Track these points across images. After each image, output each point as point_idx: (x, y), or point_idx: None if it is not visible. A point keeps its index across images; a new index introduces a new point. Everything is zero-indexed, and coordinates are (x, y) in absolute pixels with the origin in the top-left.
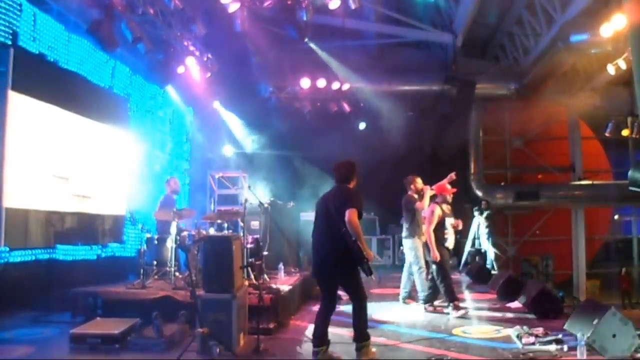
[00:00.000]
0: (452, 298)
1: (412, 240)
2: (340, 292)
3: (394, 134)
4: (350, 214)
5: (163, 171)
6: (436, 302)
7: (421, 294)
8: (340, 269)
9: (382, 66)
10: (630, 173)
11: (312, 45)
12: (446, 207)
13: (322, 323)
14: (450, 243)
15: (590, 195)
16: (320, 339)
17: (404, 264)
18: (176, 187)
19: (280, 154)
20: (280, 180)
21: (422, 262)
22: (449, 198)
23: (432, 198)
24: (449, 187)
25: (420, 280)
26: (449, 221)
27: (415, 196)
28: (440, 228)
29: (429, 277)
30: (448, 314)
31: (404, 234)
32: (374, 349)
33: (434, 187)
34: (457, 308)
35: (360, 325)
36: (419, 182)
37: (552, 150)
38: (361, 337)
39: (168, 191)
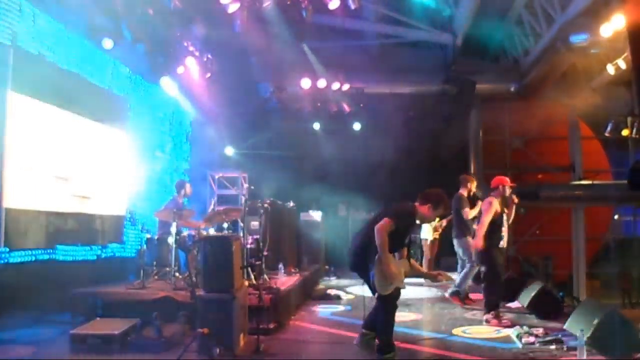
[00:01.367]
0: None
1: (463, 240)
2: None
3: (394, 134)
4: (381, 224)
5: (163, 171)
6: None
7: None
8: (359, 266)
9: (382, 66)
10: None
11: (305, 49)
12: (498, 203)
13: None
14: (504, 243)
15: (590, 195)
16: (368, 325)
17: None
18: (190, 192)
19: (280, 154)
20: (280, 181)
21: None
22: (508, 191)
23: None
24: (507, 179)
25: (465, 275)
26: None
27: (465, 194)
28: (496, 227)
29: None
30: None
31: (454, 233)
32: None
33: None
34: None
35: (381, 333)
36: (474, 184)
37: (552, 150)
38: (383, 347)
39: (181, 194)
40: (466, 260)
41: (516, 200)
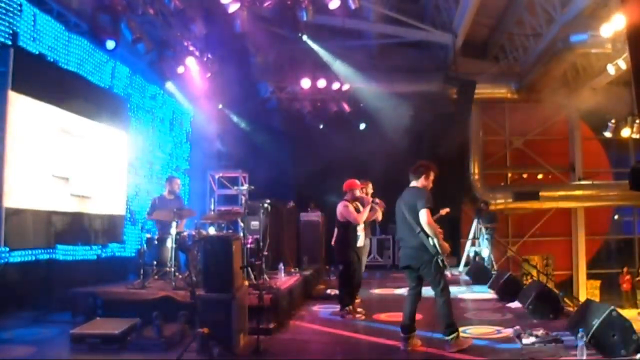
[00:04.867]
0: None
1: None
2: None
3: (394, 134)
4: (426, 216)
5: (163, 171)
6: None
7: None
8: (422, 265)
9: (382, 66)
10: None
11: (311, 44)
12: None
13: (410, 311)
14: (360, 242)
15: (590, 195)
16: (408, 326)
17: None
18: (177, 188)
19: (280, 154)
20: (281, 180)
21: None
22: (358, 193)
23: (343, 195)
24: (357, 182)
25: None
26: None
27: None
28: (352, 228)
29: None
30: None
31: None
32: (465, 338)
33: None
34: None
35: (444, 317)
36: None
37: (552, 150)
38: (447, 329)
39: (167, 191)
40: None
41: (369, 200)
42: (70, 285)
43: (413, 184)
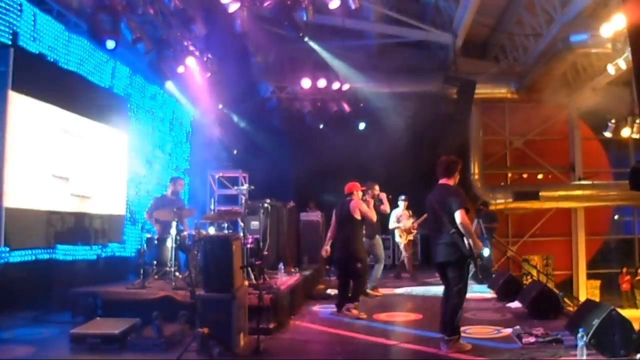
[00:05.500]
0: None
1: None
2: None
3: (394, 134)
4: (462, 216)
5: (163, 171)
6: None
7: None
8: (449, 262)
9: (382, 66)
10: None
11: (312, 43)
12: None
13: (446, 311)
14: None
15: (590, 195)
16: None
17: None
18: (179, 189)
19: (280, 154)
20: (281, 180)
21: None
22: (361, 195)
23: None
24: (358, 185)
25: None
26: None
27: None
28: (362, 226)
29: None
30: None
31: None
32: (464, 342)
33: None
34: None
35: (450, 318)
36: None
37: (552, 150)
38: (449, 330)
39: (170, 191)
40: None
41: (370, 202)
42: (70, 285)
43: (444, 181)
